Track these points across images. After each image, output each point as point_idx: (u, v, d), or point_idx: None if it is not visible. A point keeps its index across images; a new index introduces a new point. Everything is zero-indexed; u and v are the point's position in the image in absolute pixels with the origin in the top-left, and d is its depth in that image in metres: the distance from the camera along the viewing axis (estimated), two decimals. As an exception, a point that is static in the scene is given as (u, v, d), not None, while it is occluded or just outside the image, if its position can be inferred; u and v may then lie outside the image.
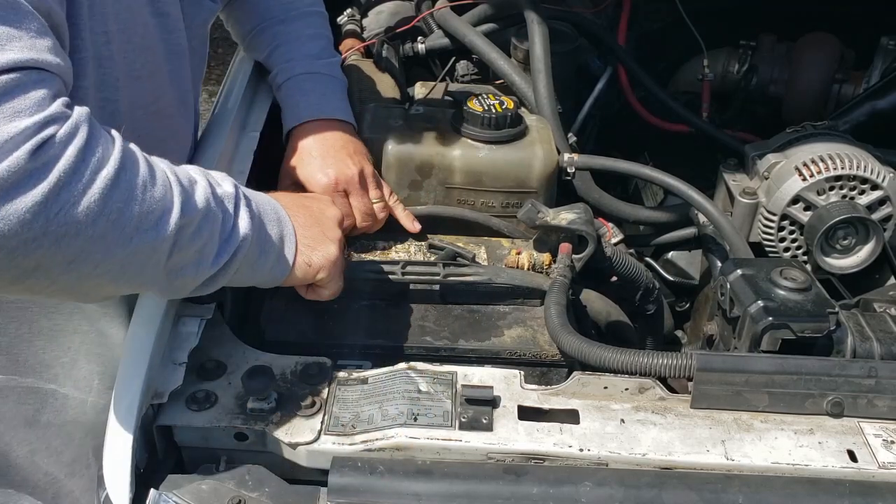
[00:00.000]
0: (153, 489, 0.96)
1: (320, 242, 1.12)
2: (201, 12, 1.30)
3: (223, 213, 0.98)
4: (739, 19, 2.03)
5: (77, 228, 0.81)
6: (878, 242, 1.46)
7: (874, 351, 1.15)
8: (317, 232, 1.13)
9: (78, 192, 0.81)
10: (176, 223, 0.90)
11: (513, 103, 1.50)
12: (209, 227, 0.95)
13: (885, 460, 1.00)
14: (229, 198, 1.00)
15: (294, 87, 1.46)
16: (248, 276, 1.05)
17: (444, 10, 1.83)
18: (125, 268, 0.89)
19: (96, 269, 0.86)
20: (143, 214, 0.87)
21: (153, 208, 0.88)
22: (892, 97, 1.74)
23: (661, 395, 1.08)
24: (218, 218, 0.97)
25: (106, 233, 0.84)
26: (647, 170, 1.54)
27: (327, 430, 1.00)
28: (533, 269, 1.33)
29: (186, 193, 0.93)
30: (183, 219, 0.91)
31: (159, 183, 0.89)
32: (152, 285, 0.95)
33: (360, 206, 1.36)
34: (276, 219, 1.07)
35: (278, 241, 1.07)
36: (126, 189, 0.85)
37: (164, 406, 1.03)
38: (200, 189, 0.95)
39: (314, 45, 1.51)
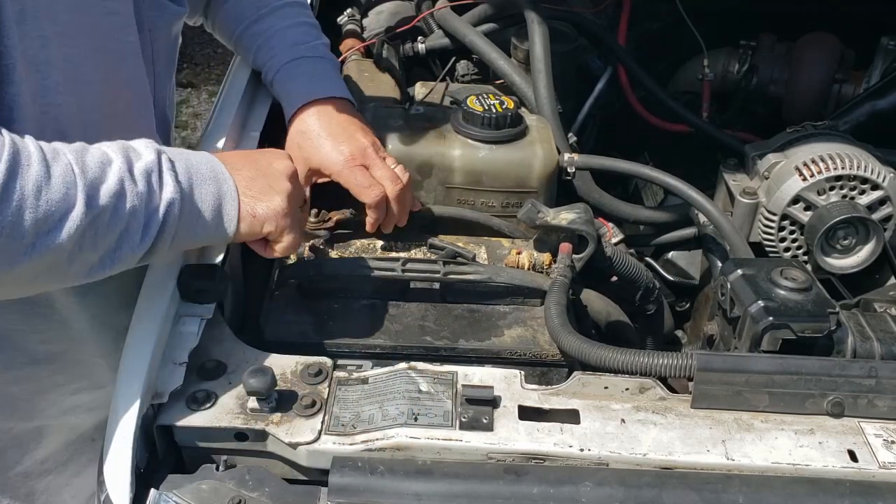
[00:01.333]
0: (153, 489, 0.96)
1: (265, 194, 1.10)
2: (164, 14, 1.28)
3: (146, 187, 0.98)
4: (739, 19, 2.03)
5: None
6: (879, 242, 1.46)
7: (875, 351, 1.15)
8: (262, 184, 1.11)
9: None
10: (81, 220, 0.90)
11: (513, 103, 1.50)
12: (127, 209, 0.95)
13: (886, 460, 1.00)
14: (150, 169, 0.99)
15: (284, 78, 1.44)
16: (190, 240, 1.06)
17: (444, 10, 1.83)
18: (36, 270, 0.91)
19: (7, 278, 0.89)
20: (40, 220, 0.88)
21: (51, 211, 0.89)
22: (892, 97, 1.75)
23: (662, 395, 1.08)
24: (138, 195, 0.96)
25: (4, 246, 0.86)
26: (647, 170, 1.54)
27: (327, 430, 1.00)
28: (533, 269, 1.33)
29: (94, 184, 0.93)
30: (89, 213, 0.91)
31: (57, 182, 0.90)
32: (77, 276, 0.97)
33: (385, 174, 1.33)
34: (211, 176, 1.06)
35: (215, 198, 1.05)
36: (17, 199, 0.86)
37: (164, 406, 1.03)
38: (114, 171, 0.95)
39: (293, 33, 1.48)
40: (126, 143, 1.01)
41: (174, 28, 1.33)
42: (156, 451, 1.02)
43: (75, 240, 0.91)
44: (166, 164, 1.01)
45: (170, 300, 1.11)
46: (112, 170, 0.95)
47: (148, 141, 1.03)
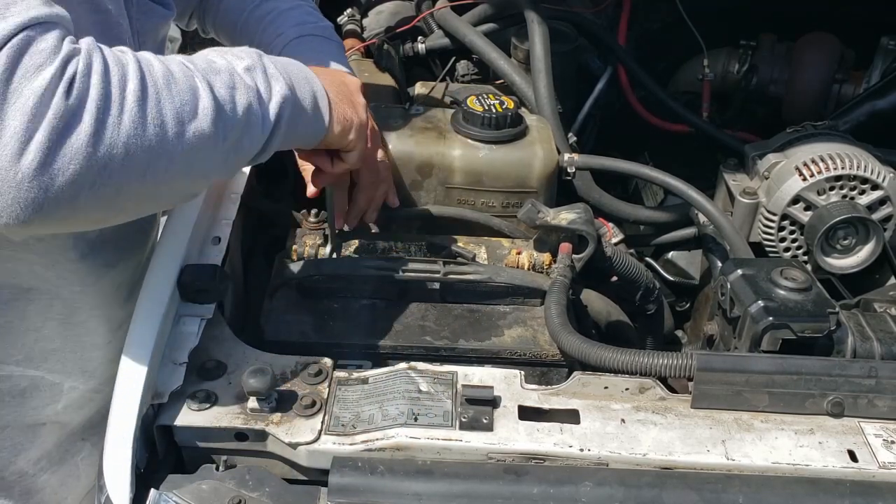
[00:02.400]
0: (153, 489, 0.96)
1: (351, 103, 1.18)
2: (152, 18, 1.29)
3: (253, 82, 1.02)
4: (739, 19, 2.03)
5: (133, 143, 0.87)
6: (879, 242, 1.46)
7: (874, 351, 1.15)
8: (345, 93, 1.19)
9: (117, 112, 0.86)
10: (211, 106, 0.94)
11: (513, 103, 1.50)
12: (244, 102, 0.99)
13: (886, 460, 1.00)
14: (254, 67, 1.03)
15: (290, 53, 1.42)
16: (296, 134, 1.10)
17: (444, 10, 1.83)
18: (191, 158, 0.94)
19: (168, 172, 0.92)
20: (179, 108, 0.91)
21: (185, 99, 0.92)
22: (892, 97, 1.75)
23: (662, 395, 1.08)
24: (251, 86, 1.01)
25: (159, 136, 0.89)
26: (647, 170, 1.54)
27: (327, 430, 1.00)
28: (533, 269, 1.33)
29: (208, 77, 0.96)
30: (216, 101, 0.95)
31: (179, 75, 0.94)
32: (221, 166, 1.00)
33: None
34: (304, 77, 1.11)
35: (312, 97, 1.11)
36: (154, 92, 0.90)
37: (164, 406, 1.03)
38: (221, 67, 0.99)
39: (296, 14, 1.49)
40: (222, 49, 1.06)
41: (161, 32, 1.33)
42: (156, 451, 1.02)
43: (211, 124, 0.94)
44: (269, 64, 1.06)
45: (170, 300, 1.11)
46: (219, 66, 0.99)
47: (248, 48, 1.07)
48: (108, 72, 0.87)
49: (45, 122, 0.81)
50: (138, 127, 0.87)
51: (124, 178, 0.87)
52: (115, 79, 0.87)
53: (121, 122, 0.86)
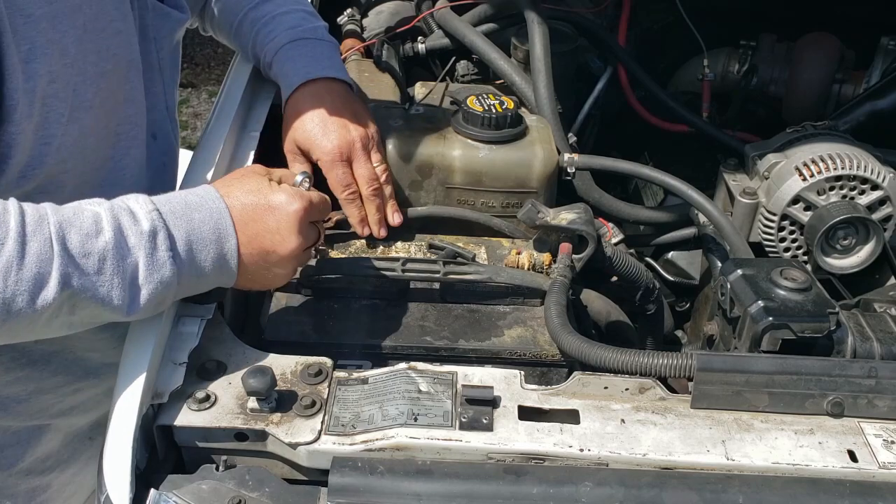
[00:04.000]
0: (153, 489, 0.96)
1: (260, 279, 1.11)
2: (168, 22, 1.29)
3: (134, 262, 0.98)
4: (739, 19, 2.03)
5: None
6: (879, 242, 1.46)
7: (874, 351, 1.15)
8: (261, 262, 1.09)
9: None
10: (53, 296, 0.92)
11: (513, 103, 1.50)
12: (107, 283, 0.96)
13: (886, 460, 1.00)
14: (143, 241, 0.98)
15: (283, 58, 1.45)
16: (187, 295, 1.07)
17: (444, 10, 1.83)
18: (13, 335, 0.95)
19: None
20: (7, 300, 0.90)
21: (20, 291, 0.90)
22: (892, 97, 1.74)
23: (662, 395, 1.08)
24: (122, 270, 0.97)
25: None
26: (647, 170, 1.54)
27: (327, 430, 1.00)
28: (533, 269, 1.33)
29: (73, 261, 0.93)
30: (64, 290, 0.92)
31: (31, 261, 0.91)
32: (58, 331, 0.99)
33: (364, 173, 1.35)
34: (213, 239, 1.05)
35: (215, 261, 1.05)
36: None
37: (164, 406, 1.03)
38: (99, 245, 0.95)
39: (291, 18, 1.49)
40: (123, 206, 1.00)
41: (177, 35, 1.34)
42: (156, 451, 1.02)
43: (49, 311, 0.93)
44: (162, 235, 1.00)
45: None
46: (98, 244, 0.95)
47: (145, 202, 1.01)
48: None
49: None
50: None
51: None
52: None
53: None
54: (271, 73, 1.47)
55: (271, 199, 1.09)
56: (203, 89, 4.51)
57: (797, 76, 1.90)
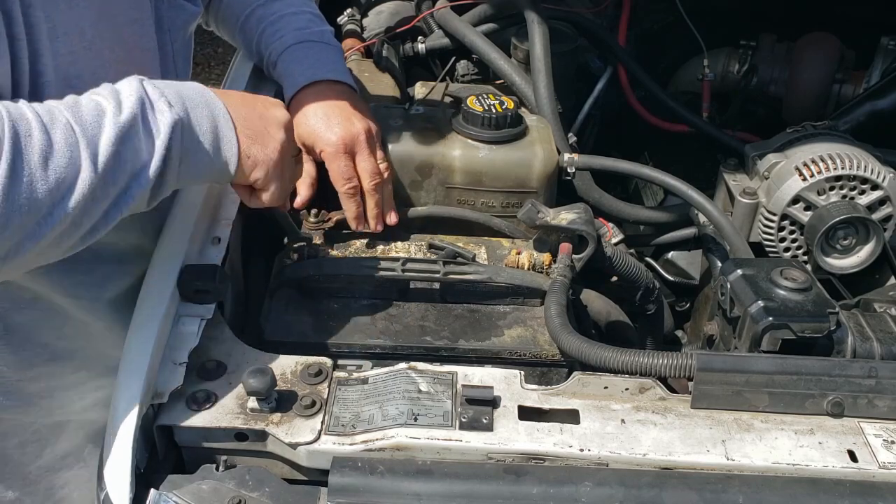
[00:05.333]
0: (153, 489, 0.96)
1: (260, 137, 1.08)
2: (182, 15, 1.29)
3: (142, 122, 0.97)
4: (739, 19, 2.03)
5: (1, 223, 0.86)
6: (879, 242, 1.46)
7: (874, 351, 1.15)
8: (258, 126, 1.09)
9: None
10: (90, 178, 0.91)
11: (513, 103, 1.50)
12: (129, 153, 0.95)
13: (886, 460, 1.00)
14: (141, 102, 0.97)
15: (288, 58, 1.45)
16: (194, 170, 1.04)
17: (444, 10, 1.83)
18: (63, 231, 0.92)
19: (37, 247, 0.90)
20: (52, 190, 0.89)
21: (62, 178, 0.90)
22: (892, 97, 1.74)
23: (662, 395, 1.08)
24: (136, 134, 0.96)
25: (25, 222, 0.88)
26: (647, 170, 1.54)
27: (327, 430, 1.00)
28: (533, 269, 1.33)
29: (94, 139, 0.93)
30: (96, 169, 0.92)
31: (60, 147, 0.90)
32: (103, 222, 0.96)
33: (367, 167, 1.34)
34: (202, 102, 1.04)
35: (210, 122, 1.03)
36: (27, 175, 0.87)
37: (164, 406, 1.03)
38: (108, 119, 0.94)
39: (298, 19, 1.50)
40: (113, 87, 1.00)
41: (190, 28, 1.34)
42: (156, 451, 1.02)
43: (88, 197, 0.92)
44: (155, 94, 0.99)
45: (170, 300, 1.11)
46: (107, 119, 0.95)
47: (132, 78, 1.01)
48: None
49: None
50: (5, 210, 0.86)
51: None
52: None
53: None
54: (275, 72, 1.47)
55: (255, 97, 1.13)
56: (203, 89, 4.51)
57: (797, 76, 1.90)
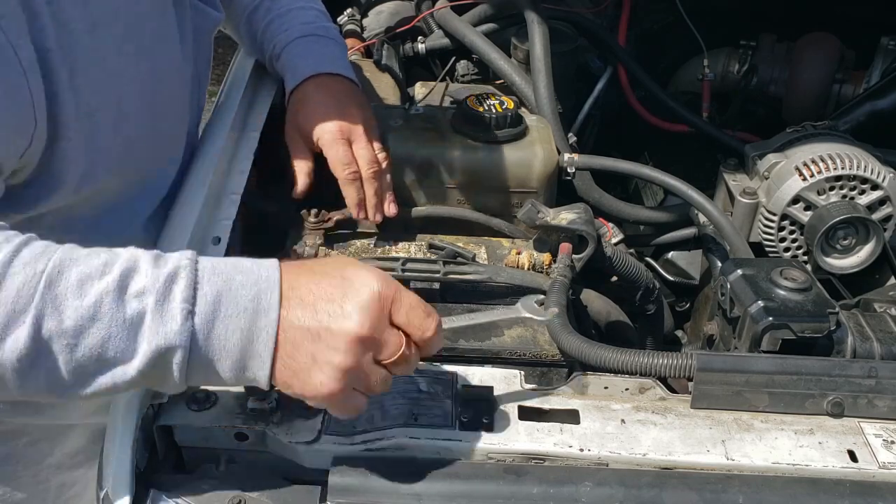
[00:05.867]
0: (153, 489, 0.96)
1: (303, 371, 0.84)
2: (206, 22, 1.30)
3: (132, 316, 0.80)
4: (739, 19, 2.03)
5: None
6: (879, 242, 1.46)
7: (874, 351, 1.15)
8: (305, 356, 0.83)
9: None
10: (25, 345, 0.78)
11: (513, 103, 1.50)
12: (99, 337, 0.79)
13: (886, 460, 1.00)
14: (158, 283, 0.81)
15: (293, 51, 1.45)
16: (201, 379, 0.86)
17: (444, 10, 1.83)
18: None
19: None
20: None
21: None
22: (892, 97, 1.74)
23: (662, 395, 1.08)
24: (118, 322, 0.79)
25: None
26: (648, 170, 1.54)
27: (327, 430, 1.00)
28: (533, 269, 1.33)
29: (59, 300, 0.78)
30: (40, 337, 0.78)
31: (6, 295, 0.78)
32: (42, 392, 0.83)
33: (365, 154, 1.34)
34: (250, 308, 0.82)
35: (242, 337, 0.82)
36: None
37: (164, 406, 1.02)
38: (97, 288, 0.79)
39: (306, 14, 1.50)
40: (153, 251, 0.84)
41: (212, 35, 1.35)
42: (156, 451, 1.02)
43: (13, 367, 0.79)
44: (183, 283, 0.81)
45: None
46: (94, 287, 0.79)
47: (186, 251, 0.84)
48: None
49: None
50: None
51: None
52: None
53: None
54: (277, 64, 1.48)
55: (347, 271, 0.86)
56: (203, 89, 4.51)
57: (797, 76, 1.90)
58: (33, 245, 0.82)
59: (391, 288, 0.86)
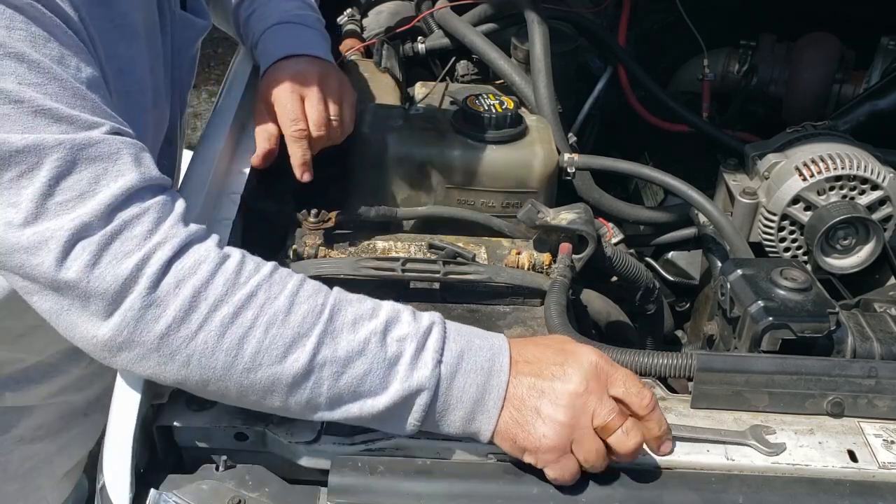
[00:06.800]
0: (153, 489, 0.96)
1: (527, 424, 0.91)
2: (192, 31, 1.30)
3: (395, 357, 0.90)
4: (739, 19, 2.03)
5: (197, 361, 0.87)
6: (879, 242, 1.46)
7: (874, 351, 1.15)
8: (529, 409, 0.91)
9: (195, 327, 0.86)
10: (305, 363, 0.88)
11: (513, 103, 1.50)
12: (361, 371, 0.89)
13: (886, 460, 1.00)
14: (418, 332, 0.92)
15: (267, 38, 1.44)
16: (432, 425, 0.94)
17: (444, 10, 1.83)
18: (259, 394, 0.90)
19: (227, 392, 0.91)
20: (265, 349, 0.88)
21: (277, 344, 0.88)
22: (892, 97, 1.74)
23: (662, 395, 1.08)
24: (380, 361, 0.90)
25: (226, 365, 0.88)
26: (648, 170, 1.54)
27: (327, 430, 1.00)
28: (533, 269, 1.33)
29: (336, 333, 0.89)
30: (316, 360, 0.88)
31: (294, 320, 0.88)
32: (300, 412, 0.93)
33: (315, 113, 1.32)
34: (486, 368, 0.92)
35: (477, 392, 0.92)
36: (243, 326, 0.87)
37: (164, 406, 1.02)
38: (366, 329, 0.90)
39: (287, 3, 1.50)
40: (407, 308, 0.95)
41: (196, 45, 1.34)
42: (156, 451, 1.02)
43: (292, 379, 0.89)
44: (436, 336, 0.92)
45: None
46: (364, 328, 0.91)
47: (434, 314, 0.96)
48: (208, 285, 0.87)
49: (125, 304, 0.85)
50: (208, 350, 0.86)
51: (182, 377, 0.89)
52: (211, 296, 0.87)
53: (194, 339, 0.86)
54: (255, 53, 1.48)
55: (567, 345, 0.96)
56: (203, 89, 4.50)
57: (797, 76, 1.90)
58: (309, 280, 0.94)
59: (608, 361, 0.95)
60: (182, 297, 0.86)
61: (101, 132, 0.89)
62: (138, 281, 0.85)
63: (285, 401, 0.91)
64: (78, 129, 0.87)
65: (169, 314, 0.85)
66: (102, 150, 0.87)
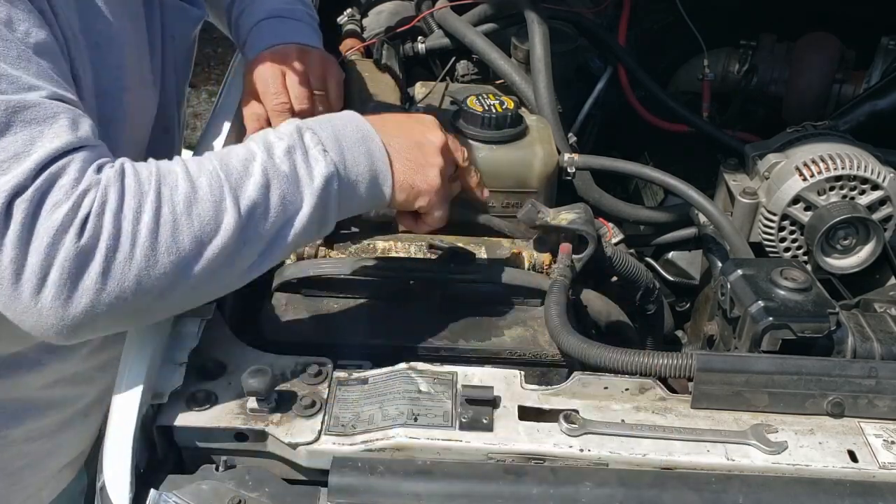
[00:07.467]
0: (153, 489, 0.96)
1: (421, 167, 1.08)
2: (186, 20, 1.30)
3: (292, 169, 0.97)
4: (739, 19, 2.03)
5: (145, 274, 0.89)
6: (879, 242, 1.46)
7: (874, 351, 1.15)
8: (417, 155, 1.08)
9: (128, 248, 0.88)
10: (235, 221, 0.93)
11: (513, 103, 1.50)
12: (278, 197, 0.96)
13: (886, 460, 1.00)
14: (292, 149, 0.99)
15: (254, 34, 1.45)
16: (351, 207, 1.05)
17: (444, 9, 1.83)
18: (215, 271, 0.94)
19: (191, 288, 0.93)
20: (199, 230, 0.91)
21: (206, 219, 0.92)
22: (892, 97, 1.74)
23: (662, 395, 1.08)
24: (286, 179, 0.96)
25: (174, 263, 0.90)
26: (648, 170, 1.54)
27: (327, 431, 1.00)
28: (533, 269, 1.33)
29: (240, 183, 0.94)
30: (242, 213, 0.93)
31: (204, 193, 0.92)
32: (261, 262, 0.98)
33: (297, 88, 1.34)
34: (359, 138, 1.03)
35: (368, 159, 1.03)
36: (170, 220, 0.90)
37: (164, 406, 1.03)
38: (257, 164, 0.96)
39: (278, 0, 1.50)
40: (269, 130, 1.02)
41: (194, 33, 1.34)
42: (156, 451, 1.02)
43: (235, 239, 0.94)
44: (310, 138, 1.00)
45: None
46: (256, 164, 0.96)
47: (290, 122, 1.03)
48: (123, 207, 0.89)
49: (56, 262, 0.85)
50: (150, 259, 0.88)
51: (141, 303, 0.90)
52: (130, 213, 0.88)
53: (132, 258, 0.88)
54: (244, 50, 1.48)
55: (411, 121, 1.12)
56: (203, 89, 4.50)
57: (797, 76, 1.90)
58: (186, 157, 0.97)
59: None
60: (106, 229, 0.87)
61: (40, 95, 0.90)
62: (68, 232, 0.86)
63: (243, 261, 0.95)
64: (17, 90, 0.89)
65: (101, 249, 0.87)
66: (39, 112, 0.89)
